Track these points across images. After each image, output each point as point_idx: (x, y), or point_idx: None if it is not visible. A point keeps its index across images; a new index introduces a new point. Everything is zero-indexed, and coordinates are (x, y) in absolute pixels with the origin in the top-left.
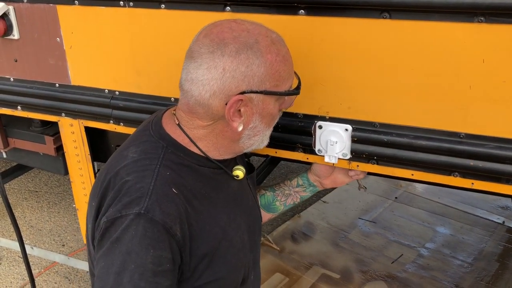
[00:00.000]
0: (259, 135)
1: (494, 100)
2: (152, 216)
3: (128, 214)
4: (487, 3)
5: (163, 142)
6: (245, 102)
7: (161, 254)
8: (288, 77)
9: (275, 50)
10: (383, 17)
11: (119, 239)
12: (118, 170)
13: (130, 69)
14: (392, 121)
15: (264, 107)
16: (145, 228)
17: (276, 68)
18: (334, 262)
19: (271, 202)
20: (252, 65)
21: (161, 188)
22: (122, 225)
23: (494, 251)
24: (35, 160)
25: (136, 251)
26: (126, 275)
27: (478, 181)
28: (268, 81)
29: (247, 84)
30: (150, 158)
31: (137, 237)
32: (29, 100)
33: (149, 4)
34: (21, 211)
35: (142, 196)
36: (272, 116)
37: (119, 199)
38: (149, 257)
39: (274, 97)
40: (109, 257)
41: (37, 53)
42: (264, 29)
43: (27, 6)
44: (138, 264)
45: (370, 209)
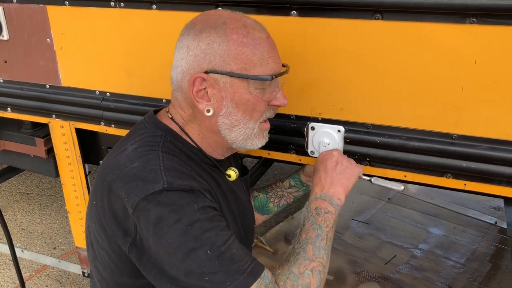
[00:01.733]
0: (239, 125)
1: (486, 101)
2: (177, 186)
3: (152, 193)
4: (478, 4)
5: (161, 131)
6: (210, 83)
7: (204, 205)
8: (260, 63)
9: (243, 32)
10: (375, 18)
11: (161, 218)
12: (120, 162)
13: (121, 70)
14: (385, 122)
15: (235, 91)
16: (177, 194)
17: (241, 49)
18: None
19: (264, 204)
20: (213, 43)
21: (171, 166)
22: (152, 203)
23: (486, 252)
24: (26, 162)
25: (183, 214)
26: (189, 240)
27: (471, 182)
28: (233, 63)
29: (208, 62)
30: (150, 145)
31: (176, 205)
32: (19, 102)
33: (140, 5)
34: (12, 213)
35: (157, 175)
36: (251, 105)
37: (134, 185)
38: (196, 211)
39: (246, 82)
40: (162, 240)
41: (27, 54)
42: (240, 15)
43: (16, 6)
44: (192, 222)
45: (363, 210)
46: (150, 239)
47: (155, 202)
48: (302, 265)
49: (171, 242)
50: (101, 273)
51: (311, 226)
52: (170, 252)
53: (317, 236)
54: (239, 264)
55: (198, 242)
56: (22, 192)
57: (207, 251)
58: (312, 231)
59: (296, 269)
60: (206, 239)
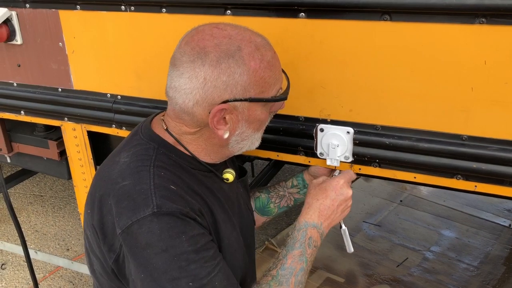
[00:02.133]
0: (247, 139)
1: (496, 101)
2: (167, 210)
3: (143, 217)
4: (488, 4)
5: (154, 144)
6: (229, 110)
7: (192, 234)
8: (274, 82)
9: (259, 57)
10: (383, 19)
11: (149, 244)
12: (112, 176)
13: (132, 73)
14: (394, 123)
15: (250, 114)
16: (166, 222)
17: (260, 75)
18: (339, 266)
19: (265, 204)
20: (234, 74)
21: (162, 185)
22: (143, 229)
23: (500, 255)
24: (39, 164)
25: (171, 244)
26: (173, 269)
27: (481, 184)
28: (252, 89)
29: (230, 93)
30: (142, 160)
31: (164, 233)
32: (32, 105)
33: (150, 9)
34: (26, 215)
35: (147, 196)
36: (260, 121)
37: (124, 206)
38: (184, 242)
39: (261, 104)
40: (148, 264)
41: (40, 58)
42: (248, 34)
43: (29, 11)
44: (178, 253)
45: (374, 213)
46: (135, 262)
47: (145, 228)
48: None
49: (157, 268)
50: (98, 279)
51: (299, 256)
52: (155, 277)
53: (301, 270)
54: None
55: (183, 273)
56: (36, 194)
57: (189, 283)
58: (299, 263)
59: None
60: (190, 270)
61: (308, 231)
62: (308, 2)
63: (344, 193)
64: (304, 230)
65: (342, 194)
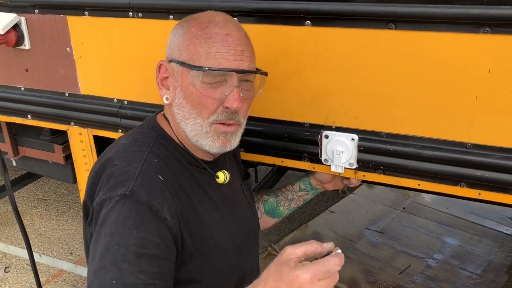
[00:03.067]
0: (189, 119)
1: (500, 110)
2: (138, 198)
3: (113, 195)
4: (492, 14)
5: (155, 133)
6: (170, 72)
7: (145, 236)
8: (207, 56)
9: (202, 27)
10: (388, 27)
11: (104, 221)
12: (109, 156)
13: (139, 78)
14: (398, 131)
15: (183, 81)
16: (129, 208)
17: (194, 42)
18: (342, 272)
19: (274, 207)
20: (176, 34)
21: (148, 173)
22: (108, 207)
23: (503, 263)
24: (44, 168)
25: (119, 232)
26: (108, 257)
27: (485, 191)
28: (184, 53)
29: (170, 52)
30: (139, 145)
31: (121, 218)
32: (39, 109)
33: (158, 15)
34: (30, 219)
35: (129, 178)
36: (196, 98)
37: (108, 182)
38: (133, 238)
39: (191, 74)
40: (97, 241)
41: (48, 62)
42: (222, 15)
43: (38, 17)
44: (121, 244)
45: (377, 219)
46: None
47: (110, 207)
48: None
49: (100, 246)
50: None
51: None
52: (94, 254)
53: None
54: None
55: (113, 266)
56: (40, 198)
57: (113, 280)
58: None
59: None
60: (120, 268)
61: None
62: (314, 10)
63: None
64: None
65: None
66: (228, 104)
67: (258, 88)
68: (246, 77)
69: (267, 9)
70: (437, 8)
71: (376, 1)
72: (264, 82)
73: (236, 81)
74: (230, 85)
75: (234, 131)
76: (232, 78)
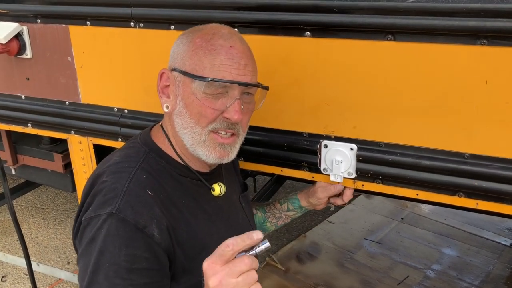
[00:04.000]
0: (187, 128)
1: (497, 121)
2: (124, 216)
3: (101, 214)
4: (489, 27)
5: (146, 148)
6: (172, 81)
7: (134, 253)
8: (210, 68)
9: (207, 38)
10: (387, 39)
11: (93, 239)
12: (101, 171)
13: (139, 88)
14: (397, 141)
15: (185, 90)
16: (117, 227)
17: (198, 52)
18: (340, 283)
19: (262, 222)
20: (180, 44)
21: (135, 190)
22: (96, 225)
23: (501, 274)
24: (43, 177)
25: (109, 250)
26: (101, 273)
27: (483, 202)
28: (188, 63)
29: (173, 61)
30: (129, 161)
31: (110, 236)
32: (40, 118)
33: (159, 25)
34: (28, 228)
35: (116, 196)
36: (196, 108)
37: (96, 198)
38: (122, 255)
39: (193, 85)
40: (86, 257)
41: (49, 71)
42: (226, 28)
43: (40, 26)
44: (111, 262)
45: (376, 230)
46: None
47: (97, 225)
48: None
49: (88, 265)
50: None
51: None
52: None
53: None
54: None
55: (106, 281)
56: (38, 207)
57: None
58: None
59: None
60: (113, 283)
61: None
62: (314, 22)
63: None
64: None
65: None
66: (228, 116)
67: (259, 102)
68: (247, 90)
69: (268, 20)
70: (435, 20)
71: (375, 13)
72: (265, 96)
73: (238, 94)
74: (231, 97)
75: (232, 143)
76: (234, 90)
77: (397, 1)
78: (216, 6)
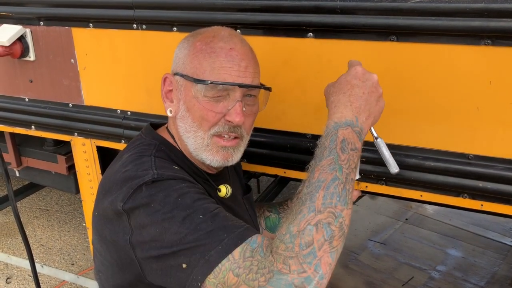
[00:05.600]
0: (190, 132)
1: (501, 121)
2: (168, 176)
3: (142, 183)
4: (493, 27)
5: (156, 141)
6: (173, 84)
7: (193, 185)
8: (210, 71)
9: (206, 41)
10: (390, 39)
11: (151, 199)
12: (115, 169)
13: (142, 90)
14: (401, 142)
15: (186, 94)
16: (168, 182)
17: (198, 55)
18: (344, 284)
19: (277, 223)
20: (181, 48)
21: (163, 166)
22: (141, 193)
23: (507, 275)
24: (47, 178)
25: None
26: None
27: (487, 203)
28: (189, 66)
29: (175, 65)
30: (144, 151)
31: (165, 189)
32: (43, 120)
33: (161, 27)
34: (32, 229)
35: (149, 170)
36: (198, 111)
37: (126, 183)
38: (185, 187)
39: (194, 89)
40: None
41: (52, 74)
42: (227, 30)
43: (43, 28)
44: (181, 194)
45: (380, 231)
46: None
47: (144, 190)
48: (303, 220)
49: (165, 217)
50: (103, 285)
51: (330, 164)
52: (166, 227)
53: (333, 180)
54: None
55: (190, 209)
56: (42, 209)
57: (200, 216)
58: (329, 172)
59: (295, 226)
60: (198, 206)
61: (340, 133)
62: (316, 23)
63: (370, 78)
64: (334, 134)
65: (369, 79)
66: (230, 118)
67: (262, 103)
68: (249, 92)
69: (270, 21)
70: (438, 20)
71: (377, 14)
72: (268, 97)
73: (239, 96)
74: (232, 99)
75: (235, 146)
76: (235, 92)
77: (400, 2)
78: (218, 8)
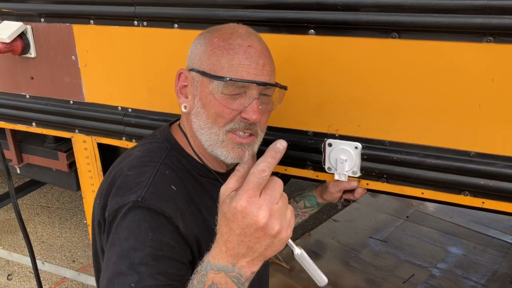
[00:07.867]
0: (205, 128)
1: (503, 119)
2: (149, 205)
3: (126, 203)
4: (495, 23)
5: (168, 144)
6: (190, 81)
7: (161, 239)
8: (229, 68)
9: (224, 37)
10: (392, 36)
11: (117, 229)
12: (122, 166)
13: (143, 86)
14: (402, 139)
15: (202, 90)
16: (143, 214)
17: (216, 52)
18: (345, 281)
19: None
20: (198, 44)
21: (160, 183)
22: (120, 214)
23: (507, 273)
24: (48, 175)
25: (134, 236)
26: (124, 262)
27: (489, 200)
28: (206, 62)
29: (191, 61)
30: (152, 156)
31: (135, 222)
32: (44, 117)
33: (162, 24)
34: (33, 226)
35: (141, 187)
36: (213, 108)
37: (119, 192)
38: (148, 240)
39: (211, 85)
40: (111, 247)
41: (53, 71)
42: (244, 28)
43: (44, 25)
44: (136, 248)
45: (381, 228)
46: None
47: (122, 214)
48: None
49: (114, 253)
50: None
51: None
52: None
53: None
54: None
55: (131, 270)
56: (43, 206)
57: (132, 284)
58: None
59: None
60: (139, 272)
61: (209, 276)
62: (318, 19)
63: (250, 221)
64: (203, 275)
65: (249, 225)
66: (247, 116)
67: (277, 102)
68: (265, 90)
69: (272, 18)
70: (440, 17)
71: (379, 11)
72: (283, 96)
73: (256, 93)
74: (249, 97)
75: (251, 143)
76: (252, 90)
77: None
78: (219, 5)
